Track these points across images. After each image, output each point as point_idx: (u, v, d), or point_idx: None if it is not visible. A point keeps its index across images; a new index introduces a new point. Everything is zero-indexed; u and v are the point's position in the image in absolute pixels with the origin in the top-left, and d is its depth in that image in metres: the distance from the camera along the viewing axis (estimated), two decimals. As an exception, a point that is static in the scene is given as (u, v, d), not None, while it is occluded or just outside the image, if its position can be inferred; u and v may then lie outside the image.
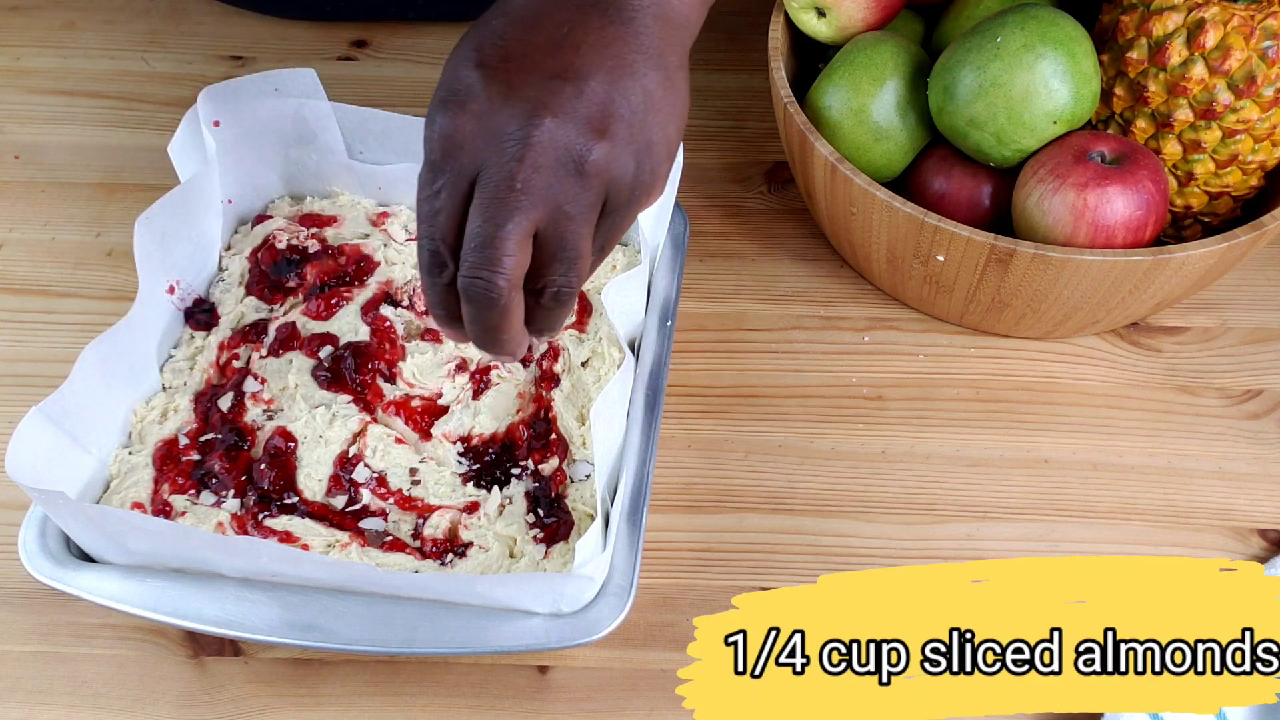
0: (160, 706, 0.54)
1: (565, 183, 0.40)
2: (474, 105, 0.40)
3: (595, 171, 0.40)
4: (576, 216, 0.40)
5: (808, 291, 0.70)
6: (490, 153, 0.39)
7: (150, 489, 0.55)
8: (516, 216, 0.39)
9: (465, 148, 0.40)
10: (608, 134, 0.40)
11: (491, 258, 0.39)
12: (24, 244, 0.73)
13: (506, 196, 0.39)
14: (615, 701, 0.54)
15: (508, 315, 0.41)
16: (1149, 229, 0.59)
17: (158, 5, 0.89)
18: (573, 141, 0.40)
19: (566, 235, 0.40)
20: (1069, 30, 0.59)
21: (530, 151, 0.39)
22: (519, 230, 0.39)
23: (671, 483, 0.61)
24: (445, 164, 0.40)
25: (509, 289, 0.40)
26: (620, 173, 0.41)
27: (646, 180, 0.42)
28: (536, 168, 0.39)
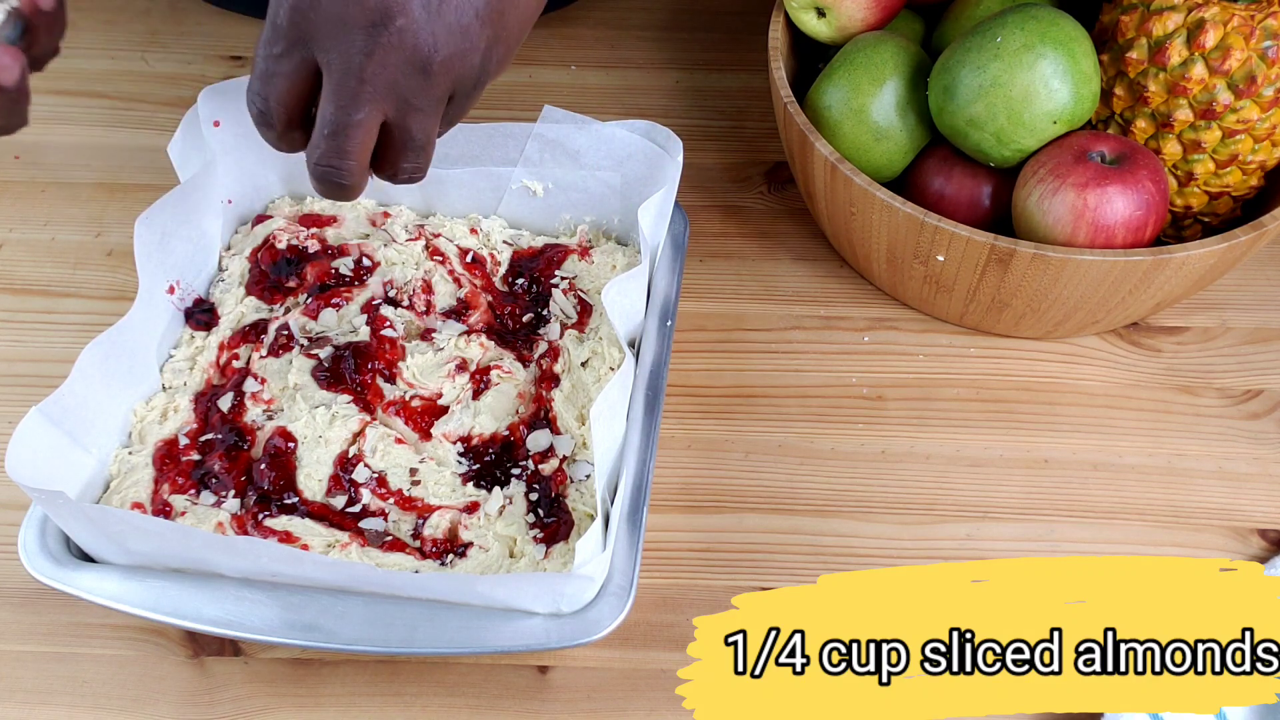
0: (160, 706, 0.54)
1: (412, 80, 0.41)
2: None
3: (442, 70, 0.41)
4: (423, 109, 0.41)
5: (808, 291, 0.70)
6: (339, 41, 0.40)
7: (150, 489, 0.55)
8: (365, 108, 0.40)
9: (316, 29, 0.40)
10: (454, 32, 0.41)
11: (342, 146, 0.41)
12: (24, 244, 0.73)
13: (356, 88, 0.40)
14: (615, 701, 0.54)
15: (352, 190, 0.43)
16: (1149, 229, 0.59)
17: (158, 5, 0.89)
18: (420, 41, 0.40)
19: (413, 126, 0.42)
20: (1069, 30, 0.59)
21: (378, 49, 0.39)
22: (368, 120, 0.41)
23: (671, 483, 0.61)
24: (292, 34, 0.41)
25: (358, 171, 0.42)
26: (467, 68, 0.42)
27: (491, 69, 0.43)
28: (384, 64, 0.40)
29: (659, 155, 0.63)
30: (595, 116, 0.63)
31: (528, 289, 0.65)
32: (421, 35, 0.40)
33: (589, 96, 0.82)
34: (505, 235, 0.67)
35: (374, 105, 0.40)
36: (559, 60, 0.85)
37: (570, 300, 0.64)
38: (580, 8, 0.89)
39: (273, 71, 0.41)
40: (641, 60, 0.85)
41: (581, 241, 0.67)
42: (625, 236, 0.68)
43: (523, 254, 0.67)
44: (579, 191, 0.66)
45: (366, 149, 0.42)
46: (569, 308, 0.63)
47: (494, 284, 0.65)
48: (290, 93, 0.41)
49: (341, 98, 0.40)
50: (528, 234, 0.68)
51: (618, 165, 0.64)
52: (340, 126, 0.40)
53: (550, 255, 0.66)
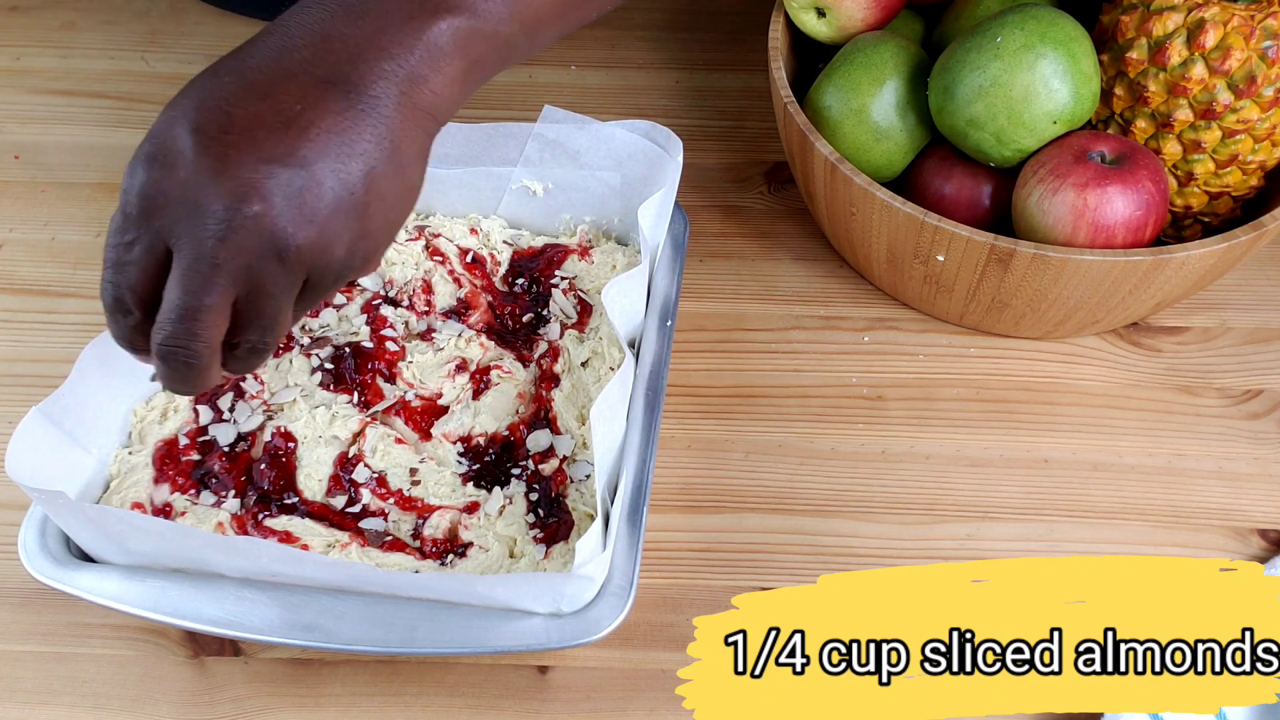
0: (160, 706, 0.54)
1: (267, 265, 0.40)
2: (181, 172, 0.39)
3: (298, 260, 0.40)
4: (275, 295, 0.40)
5: (808, 291, 0.70)
6: (191, 225, 0.39)
7: (150, 489, 0.55)
8: (215, 292, 0.39)
9: (166, 212, 0.39)
10: (317, 224, 0.40)
11: (190, 329, 0.40)
12: (24, 244, 0.73)
13: (207, 272, 0.39)
14: (615, 701, 0.54)
15: (205, 374, 0.42)
16: (1149, 229, 0.59)
17: (158, 5, 0.89)
18: (278, 230, 0.39)
19: (263, 309, 0.41)
20: (1069, 30, 0.59)
21: (232, 234, 0.38)
22: (218, 304, 0.40)
23: (671, 483, 0.61)
24: (141, 221, 0.40)
25: (207, 353, 0.41)
26: (327, 260, 0.41)
27: (357, 264, 0.42)
28: (238, 250, 0.39)
29: (659, 155, 0.63)
30: (595, 116, 0.63)
31: (528, 289, 0.65)
32: (278, 223, 0.39)
33: (589, 96, 0.82)
34: (505, 235, 0.67)
35: (224, 289, 0.39)
36: (559, 60, 0.85)
37: (570, 300, 0.64)
38: (580, 8, 0.89)
39: (124, 260, 0.40)
40: (641, 60, 0.85)
41: (581, 241, 0.67)
42: (625, 236, 0.68)
43: (523, 254, 0.67)
44: (579, 191, 0.66)
45: (218, 332, 0.40)
46: (569, 308, 0.63)
47: (494, 284, 0.65)
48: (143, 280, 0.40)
49: (191, 282, 0.39)
50: (528, 234, 0.68)
51: (618, 165, 0.64)
52: (190, 310, 0.39)
53: (550, 255, 0.66)
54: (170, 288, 0.40)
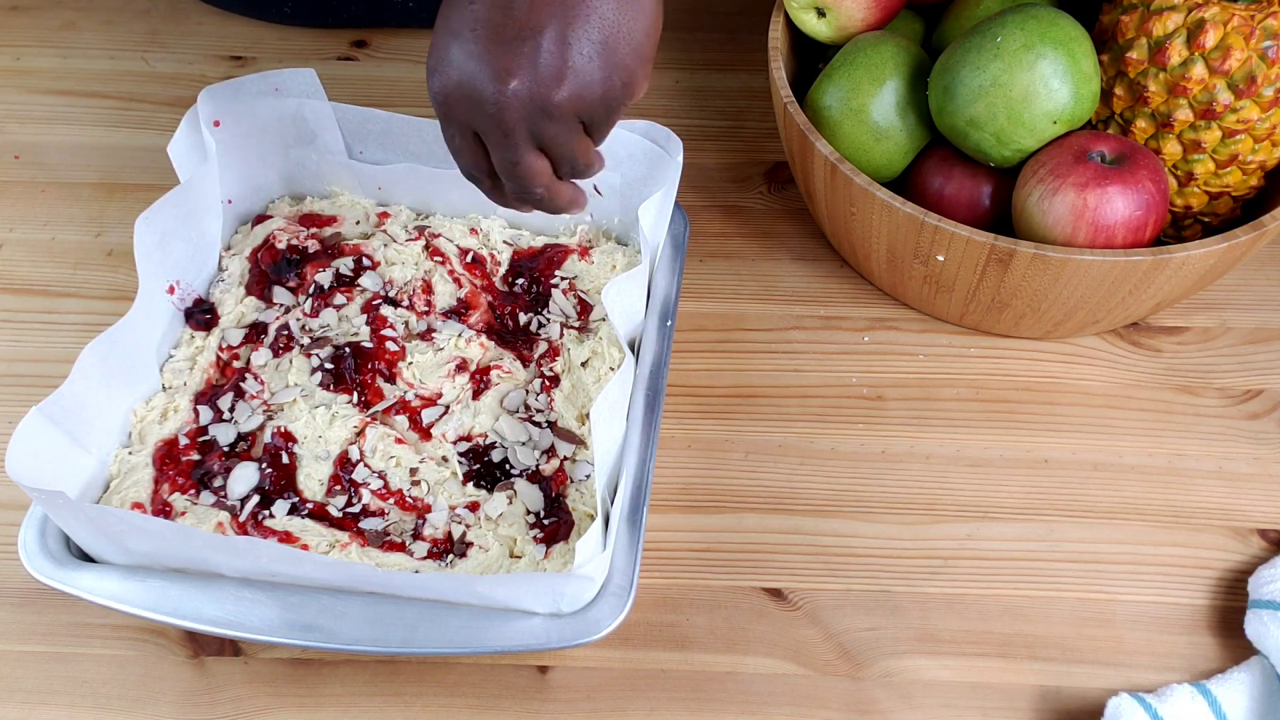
0: (160, 706, 0.54)
1: (542, 124, 0.48)
2: (454, 75, 0.47)
3: (562, 113, 0.48)
4: (562, 139, 0.49)
5: (808, 291, 0.70)
6: (476, 112, 0.48)
7: (150, 489, 0.55)
8: (517, 150, 0.49)
9: (457, 108, 0.48)
10: (566, 77, 0.47)
11: (521, 180, 0.50)
12: (24, 244, 0.73)
13: (504, 142, 0.48)
14: (615, 701, 0.54)
15: (555, 199, 0.52)
16: (1149, 229, 0.59)
17: (158, 5, 0.89)
18: (535, 94, 0.47)
19: (562, 154, 0.50)
20: (1069, 30, 0.59)
21: (505, 111, 0.47)
22: (526, 158, 0.49)
23: (671, 483, 0.61)
24: (448, 120, 0.49)
25: (544, 186, 0.50)
26: (589, 101, 0.48)
27: (618, 94, 0.49)
28: (515, 119, 0.47)
29: (659, 155, 0.63)
30: (595, 116, 0.63)
31: (528, 289, 0.65)
32: (534, 89, 0.47)
33: (589, 96, 0.82)
34: (505, 235, 0.67)
35: (526, 147, 0.49)
36: (559, 60, 0.85)
37: (570, 300, 0.64)
38: (580, 8, 0.89)
39: (455, 148, 0.51)
40: (641, 60, 0.85)
41: (581, 241, 0.67)
42: (625, 236, 0.68)
43: (523, 254, 0.67)
44: (579, 191, 0.66)
45: (542, 172, 0.50)
46: (569, 308, 0.63)
47: (494, 284, 0.65)
48: (474, 158, 0.50)
49: (499, 150, 0.49)
50: (528, 234, 0.68)
51: (618, 165, 0.64)
52: (510, 168, 0.49)
53: (550, 255, 0.66)
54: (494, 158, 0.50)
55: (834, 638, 0.56)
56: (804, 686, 0.55)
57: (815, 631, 0.56)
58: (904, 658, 0.55)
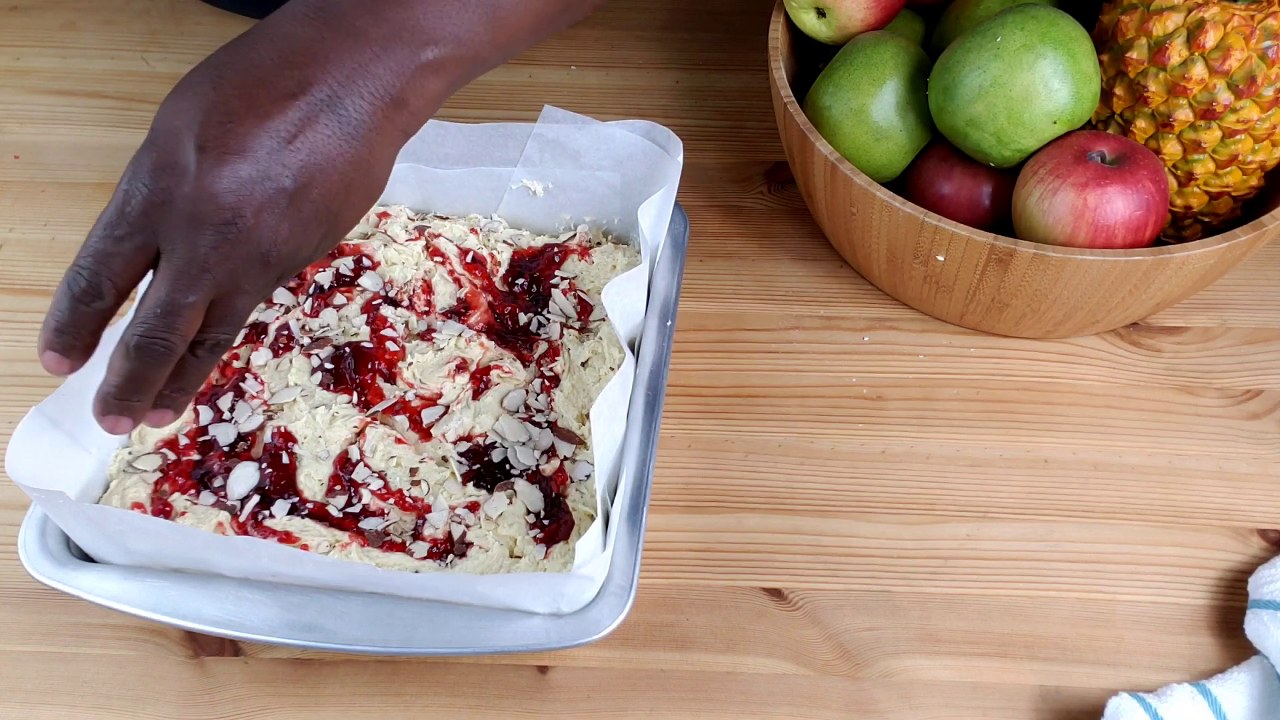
0: (160, 706, 0.54)
1: (251, 269, 0.43)
2: (185, 187, 0.42)
3: (279, 262, 0.44)
4: (253, 294, 0.44)
5: (808, 291, 0.70)
6: (188, 234, 0.42)
7: (150, 489, 0.55)
8: (201, 292, 0.43)
9: (166, 220, 0.42)
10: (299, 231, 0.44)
11: (173, 324, 0.43)
12: (24, 244, 0.73)
13: (198, 275, 0.42)
14: (615, 701, 0.54)
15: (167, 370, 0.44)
16: (1149, 229, 0.59)
17: (158, 5, 0.89)
18: (264, 239, 0.43)
19: (238, 307, 0.44)
20: (1069, 30, 0.59)
21: (225, 245, 0.42)
22: (202, 303, 0.43)
23: (671, 483, 0.61)
24: (139, 223, 0.42)
25: (180, 346, 0.44)
26: (300, 259, 0.45)
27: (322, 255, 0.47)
28: (228, 257, 0.42)
29: (659, 155, 0.63)
30: (595, 116, 0.63)
31: (528, 289, 0.65)
32: (265, 234, 0.43)
33: (589, 96, 0.82)
34: (505, 235, 0.67)
35: (209, 291, 0.43)
36: (559, 60, 0.85)
37: (570, 300, 0.64)
38: (580, 8, 0.89)
39: (112, 251, 0.42)
40: (641, 60, 0.85)
41: (581, 241, 0.67)
42: (625, 236, 0.68)
43: (523, 254, 0.67)
44: (579, 191, 0.66)
45: (194, 327, 0.44)
46: (569, 308, 0.63)
47: (494, 284, 0.65)
48: (125, 273, 0.43)
49: (180, 282, 0.42)
50: (528, 234, 0.68)
51: (618, 165, 0.64)
52: (175, 306, 0.42)
53: (550, 255, 0.66)
54: (157, 285, 0.43)
55: (834, 638, 0.56)
56: (804, 686, 0.55)
57: (815, 631, 0.56)
58: (904, 658, 0.55)
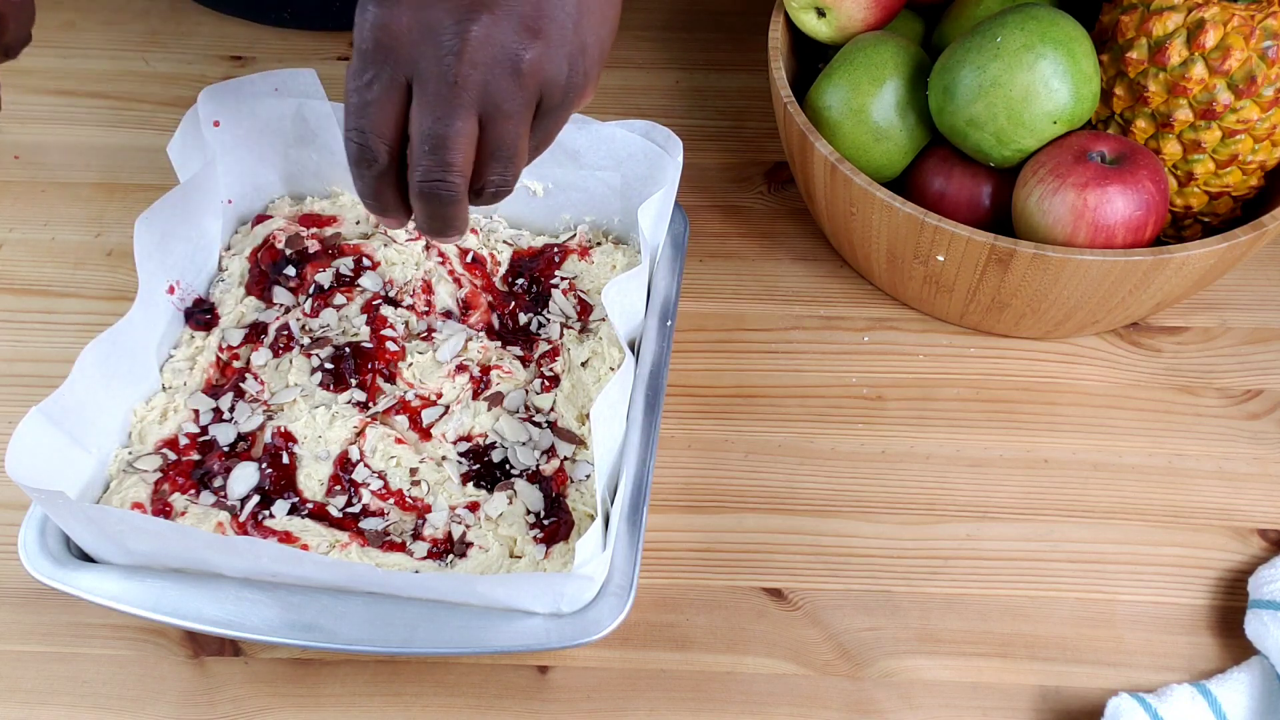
0: (160, 706, 0.54)
1: (502, 81, 0.39)
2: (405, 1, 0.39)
3: (531, 71, 0.40)
4: (514, 115, 0.40)
5: (808, 291, 0.70)
6: (426, 47, 0.39)
7: (150, 489, 0.55)
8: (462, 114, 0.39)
9: (401, 40, 0.39)
10: (541, 35, 0.40)
11: (445, 159, 0.39)
12: (24, 244, 0.73)
13: (450, 94, 0.39)
14: (615, 701, 0.54)
15: (461, 207, 0.42)
16: (1149, 229, 0.59)
17: (158, 5, 0.89)
18: (508, 40, 0.39)
19: (504, 134, 0.41)
20: (1069, 30, 0.59)
21: (467, 48, 0.38)
22: (467, 126, 0.39)
23: (671, 483, 0.61)
24: (378, 55, 0.39)
25: (462, 184, 0.41)
26: (555, 73, 0.41)
27: (579, 82, 0.43)
28: (474, 64, 0.39)
29: (659, 155, 0.63)
30: (595, 116, 0.63)
31: (528, 289, 0.65)
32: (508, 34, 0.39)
33: (589, 96, 0.82)
34: (505, 235, 0.67)
35: (469, 111, 0.39)
36: (559, 60, 0.85)
37: (570, 300, 0.64)
38: (580, 8, 0.89)
39: (366, 100, 0.40)
40: (641, 60, 0.85)
41: (581, 241, 0.67)
42: (625, 236, 0.68)
43: (523, 254, 0.67)
44: (579, 191, 0.66)
45: (470, 159, 0.40)
46: (569, 308, 0.63)
47: (494, 284, 0.65)
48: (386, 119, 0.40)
49: (437, 107, 0.39)
50: (528, 234, 0.68)
51: (618, 165, 0.64)
52: (441, 138, 0.39)
53: (550, 255, 0.66)
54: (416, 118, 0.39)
55: (834, 638, 0.56)
56: (804, 686, 0.55)
57: (815, 631, 0.56)
58: (904, 658, 0.55)
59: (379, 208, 0.43)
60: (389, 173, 0.41)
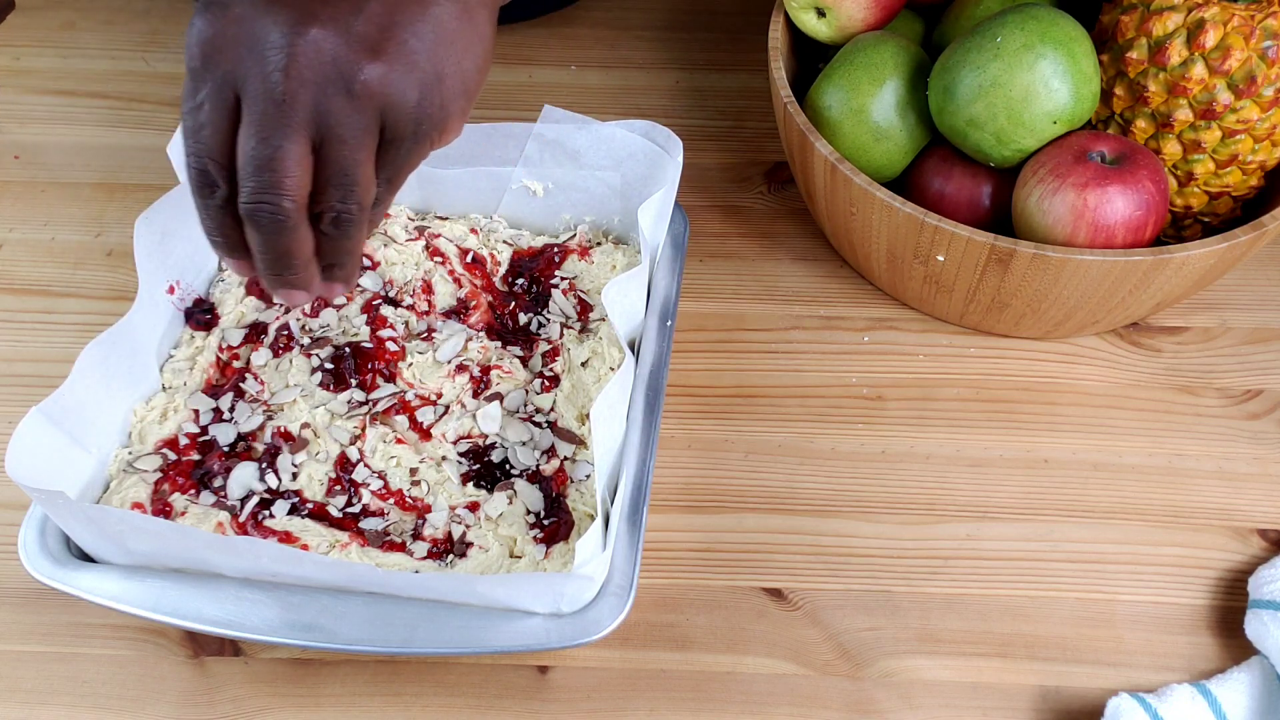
0: (160, 706, 0.54)
1: (335, 101, 0.37)
2: (236, 9, 0.37)
3: (366, 93, 0.38)
4: (349, 140, 0.38)
5: (808, 291, 0.70)
6: (252, 62, 0.37)
7: (150, 489, 0.55)
8: (290, 134, 0.37)
9: (225, 54, 0.37)
10: (383, 55, 0.38)
11: (272, 181, 0.37)
12: (24, 244, 0.73)
13: (276, 112, 0.37)
14: (615, 701, 0.54)
15: (296, 237, 0.39)
16: (1149, 229, 0.59)
17: (158, 5, 0.89)
18: (341, 56, 0.37)
19: (340, 159, 0.38)
20: (1069, 30, 0.59)
21: (294, 63, 0.36)
22: (295, 148, 0.37)
23: (671, 483, 0.61)
24: (206, 73, 0.37)
25: (295, 209, 0.38)
26: (399, 99, 0.39)
27: (434, 114, 0.40)
28: (302, 82, 0.37)
29: (659, 155, 0.63)
30: (595, 116, 0.63)
31: (528, 289, 0.65)
32: (342, 50, 0.37)
33: (589, 96, 0.82)
34: (505, 235, 0.67)
35: (298, 132, 0.37)
36: (559, 60, 0.85)
37: (570, 300, 0.64)
38: (580, 8, 0.89)
39: (199, 123, 0.38)
40: (641, 60, 0.85)
41: (581, 241, 0.67)
42: (625, 236, 0.68)
43: (523, 254, 0.67)
44: (579, 191, 0.66)
45: (300, 183, 0.38)
46: (569, 308, 0.63)
47: (494, 284, 0.65)
48: (219, 139, 0.37)
49: (264, 127, 0.37)
50: (528, 234, 0.68)
51: (618, 165, 0.64)
52: (266, 159, 0.37)
53: (550, 255, 0.66)
54: (243, 139, 0.37)
55: (834, 638, 0.56)
56: (804, 686, 0.55)
57: (815, 631, 0.56)
58: (904, 658, 0.55)
59: (224, 244, 0.40)
60: (230, 201, 0.39)
